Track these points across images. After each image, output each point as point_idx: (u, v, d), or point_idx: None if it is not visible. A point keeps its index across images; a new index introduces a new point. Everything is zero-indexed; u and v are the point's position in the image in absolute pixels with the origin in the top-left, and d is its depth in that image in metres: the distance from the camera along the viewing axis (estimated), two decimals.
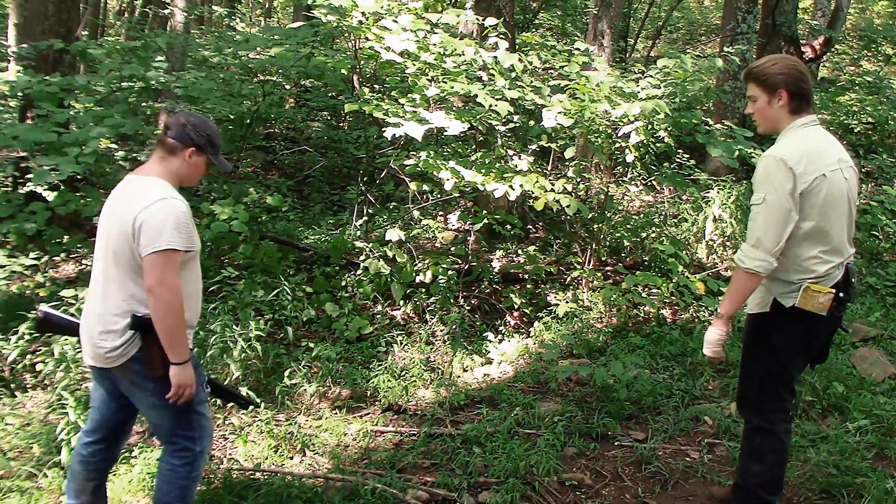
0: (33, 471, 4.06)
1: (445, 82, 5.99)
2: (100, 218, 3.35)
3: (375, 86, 9.14)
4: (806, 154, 3.18)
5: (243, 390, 4.96)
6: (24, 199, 5.95)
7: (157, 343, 3.15)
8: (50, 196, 5.77)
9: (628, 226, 8.26)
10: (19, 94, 6.50)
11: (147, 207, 3.10)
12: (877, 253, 8.16)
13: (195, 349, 3.48)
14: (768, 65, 3.33)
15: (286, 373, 5.34)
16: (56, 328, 3.70)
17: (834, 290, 3.27)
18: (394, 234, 6.37)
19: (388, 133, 5.54)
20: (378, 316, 6.40)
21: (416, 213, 7.78)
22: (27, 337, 5.15)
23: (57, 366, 4.78)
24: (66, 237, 6.35)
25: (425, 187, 7.11)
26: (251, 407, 4.57)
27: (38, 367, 5.01)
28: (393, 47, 5.73)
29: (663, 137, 6.84)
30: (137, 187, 3.24)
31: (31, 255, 6.08)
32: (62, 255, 6.57)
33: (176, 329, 3.14)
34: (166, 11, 11.14)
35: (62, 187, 5.87)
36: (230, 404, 4.81)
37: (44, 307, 3.59)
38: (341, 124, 11.77)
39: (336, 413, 5.10)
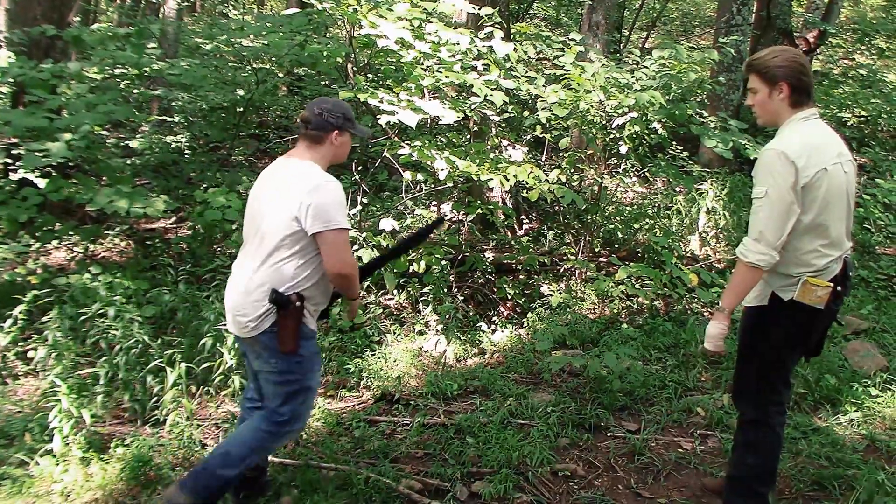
0: (25, 459, 4.05)
1: (441, 72, 5.97)
2: (250, 198, 3.57)
3: (369, 74, 9.10)
4: (808, 148, 3.16)
5: (236, 379, 4.96)
6: (15, 186, 5.91)
7: (293, 320, 3.38)
8: (42, 183, 5.74)
9: (622, 217, 8.27)
10: (11, 80, 6.45)
11: (312, 191, 3.30)
12: (869, 246, 8.19)
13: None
14: (770, 57, 3.30)
15: None
16: None
17: (832, 284, 3.28)
18: (387, 223, 6.35)
19: (383, 120, 5.52)
20: (371, 305, 6.40)
21: (409, 203, 7.76)
22: (20, 323, 5.15)
23: (49, 353, 4.76)
24: (58, 224, 6.32)
25: (419, 177, 7.09)
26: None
27: (30, 354, 5.00)
28: (388, 35, 5.70)
29: (657, 129, 6.85)
30: (295, 171, 3.44)
31: (23, 242, 6.05)
32: (54, 242, 6.54)
33: (354, 287, 3.54)
34: None
35: (54, 174, 5.84)
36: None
37: None
38: None
39: (329, 402, 5.10)
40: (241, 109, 8.27)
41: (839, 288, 3.32)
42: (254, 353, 3.54)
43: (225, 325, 5.07)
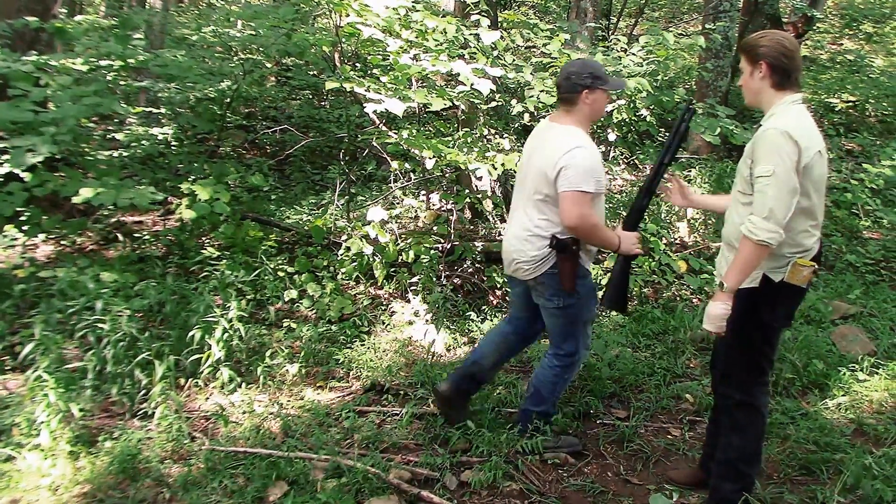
0: (12, 453, 4.03)
1: (427, 60, 5.95)
2: (523, 153, 4.12)
3: (357, 64, 9.06)
4: (807, 130, 3.23)
5: (225, 371, 4.95)
6: (1, 180, 5.86)
7: (570, 262, 3.86)
8: (27, 177, 5.70)
9: (610, 204, 8.26)
10: None
11: (565, 155, 3.73)
12: (857, 230, 8.21)
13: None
14: (757, 37, 3.40)
15: (268, 353, 5.32)
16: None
17: (815, 264, 3.37)
18: (376, 213, 6.34)
19: (369, 108, 5.50)
20: (360, 296, 6.39)
21: (398, 193, 7.75)
22: (7, 318, 5.12)
23: (36, 347, 4.74)
24: (44, 218, 6.28)
25: (407, 166, 7.08)
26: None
27: (17, 348, 4.98)
28: (373, 23, 5.68)
29: (645, 116, 6.84)
30: (556, 134, 3.89)
31: (9, 236, 6.01)
32: (41, 235, 6.50)
33: (600, 241, 3.92)
34: None
35: (39, 167, 5.80)
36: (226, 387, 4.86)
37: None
38: (323, 103, 11.68)
39: (318, 393, 5.10)
40: (229, 100, 8.23)
41: (816, 266, 3.43)
42: (535, 293, 4.07)
43: (214, 316, 5.10)
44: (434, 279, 6.50)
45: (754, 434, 3.59)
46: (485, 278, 6.81)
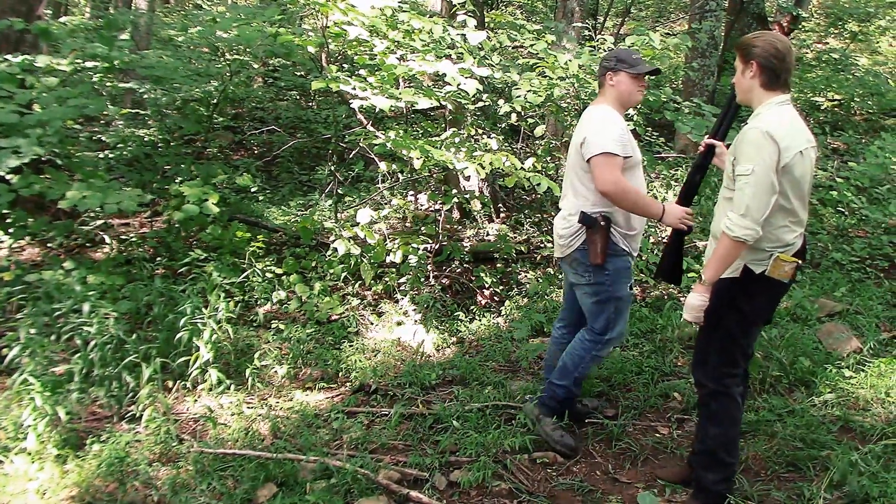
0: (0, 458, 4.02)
1: (414, 60, 5.95)
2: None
3: (344, 64, 9.05)
4: (789, 131, 3.30)
5: (213, 373, 4.94)
6: None
7: (600, 238, 3.99)
8: (13, 178, 5.67)
9: None
10: None
11: (588, 125, 4.02)
12: (843, 229, 8.25)
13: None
14: (752, 38, 3.48)
15: (256, 355, 5.31)
16: None
17: (798, 260, 3.43)
18: (364, 214, 6.34)
19: (356, 104, 5.49)
20: (349, 297, 6.39)
21: (386, 193, 7.74)
22: None
23: (22, 351, 4.72)
24: (30, 220, 6.25)
25: (395, 167, 7.07)
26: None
27: (3, 351, 4.95)
28: (358, 23, 5.67)
29: (632, 115, 6.86)
30: (586, 114, 4.15)
31: None
32: (27, 238, 6.47)
33: (635, 206, 3.96)
34: None
35: (25, 169, 5.78)
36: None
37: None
38: (310, 104, 11.67)
39: (307, 394, 5.09)
40: (216, 101, 8.20)
41: (800, 262, 3.49)
42: (571, 270, 4.22)
43: (202, 318, 5.09)
44: (422, 279, 6.51)
45: (730, 421, 3.65)
46: (473, 278, 6.82)
